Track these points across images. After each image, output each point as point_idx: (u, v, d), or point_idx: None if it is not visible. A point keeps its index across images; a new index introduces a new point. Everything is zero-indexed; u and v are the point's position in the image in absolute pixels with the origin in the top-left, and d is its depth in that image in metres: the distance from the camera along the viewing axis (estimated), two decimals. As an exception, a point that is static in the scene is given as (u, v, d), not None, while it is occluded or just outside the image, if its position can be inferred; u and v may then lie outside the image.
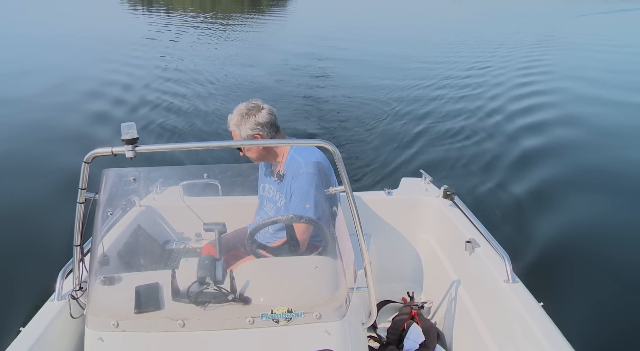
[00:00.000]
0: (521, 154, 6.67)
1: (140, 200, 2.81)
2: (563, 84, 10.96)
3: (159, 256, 2.52)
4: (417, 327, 2.76)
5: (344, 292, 1.79)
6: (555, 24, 25.80)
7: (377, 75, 12.08)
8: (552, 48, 16.56)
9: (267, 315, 1.67)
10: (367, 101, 9.61)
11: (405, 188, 3.30)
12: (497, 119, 8.24)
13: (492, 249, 2.45)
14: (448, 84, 10.96)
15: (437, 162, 6.43)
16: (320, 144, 1.72)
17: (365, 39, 18.88)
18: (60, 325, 1.98)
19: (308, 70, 12.87)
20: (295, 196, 2.23)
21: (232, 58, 14.61)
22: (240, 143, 2.34)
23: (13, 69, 11.85)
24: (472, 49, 16.32)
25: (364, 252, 1.81)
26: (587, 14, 31.67)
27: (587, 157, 6.54)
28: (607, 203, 5.27)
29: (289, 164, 2.35)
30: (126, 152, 1.60)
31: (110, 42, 16.66)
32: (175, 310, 1.69)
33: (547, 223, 4.82)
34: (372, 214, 3.16)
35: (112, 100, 9.30)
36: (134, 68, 12.32)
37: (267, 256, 2.09)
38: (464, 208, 2.90)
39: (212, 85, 10.77)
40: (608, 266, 4.16)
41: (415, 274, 3.29)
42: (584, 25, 25.39)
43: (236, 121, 2.33)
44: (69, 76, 11.35)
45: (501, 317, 2.22)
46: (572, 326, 2.11)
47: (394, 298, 3.16)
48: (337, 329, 1.71)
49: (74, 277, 1.93)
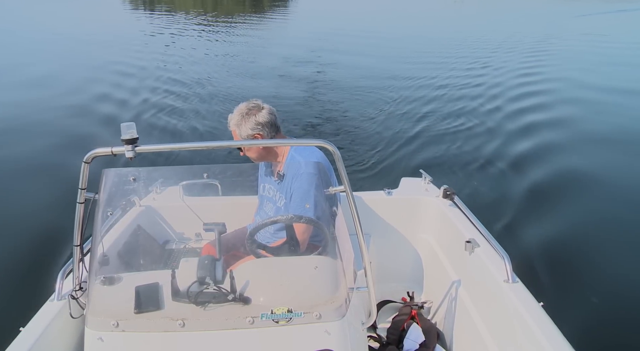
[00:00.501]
0: (521, 154, 6.67)
1: (140, 200, 2.81)
2: (564, 84, 10.95)
3: (158, 256, 2.52)
4: (417, 327, 2.76)
5: (344, 292, 1.79)
6: (556, 24, 25.79)
7: (377, 74, 12.10)
8: (552, 48, 16.56)
9: (267, 315, 1.67)
10: (368, 98, 9.67)
11: (405, 187, 3.30)
12: (498, 119, 8.24)
13: (492, 249, 2.45)
14: (449, 84, 10.96)
15: (437, 162, 6.43)
16: (320, 144, 1.72)
17: (366, 39, 18.90)
18: (60, 325, 1.98)
19: (309, 69, 12.89)
20: (295, 196, 2.23)
21: (234, 58, 14.62)
22: (240, 143, 2.34)
23: (16, 73, 11.84)
24: (472, 49, 16.32)
25: (364, 252, 1.81)
26: (587, 13, 31.65)
27: (587, 158, 6.54)
28: (607, 203, 5.27)
29: (289, 164, 2.35)
30: (126, 152, 1.60)
31: (113, 43, 16.69)
32: (175, 310, 1.69)
33: (547, 223, 4.82)
34: (372, 214, 3.16)
35: (115, 100, 9.32)
36: (134, 68, 12.35)
37: (267, 256, 2.09)
38: (464, 208, 2.90)
39: (213, 87, 10.76)
40: (608, 266, 4.16)
41: (415, 274, 3.29)
42: (584, 25, 25.37)
43: (236, 120, 2.32)
44: (71, 75, 11.37)
45: (501, 317, 2.22)
46: (572, 326, 2.11)
47: (394, 298, 3.16)
48: (337, 329, 1.71)
49: (74, 277, 1.93)
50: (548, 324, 1.96)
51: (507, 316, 2.15)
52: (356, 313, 1.89)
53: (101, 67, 12.44)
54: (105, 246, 2.02)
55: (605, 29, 23.61)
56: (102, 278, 1.83)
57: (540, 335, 1.90)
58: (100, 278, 1.83)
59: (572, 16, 30.52)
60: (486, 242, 2.53)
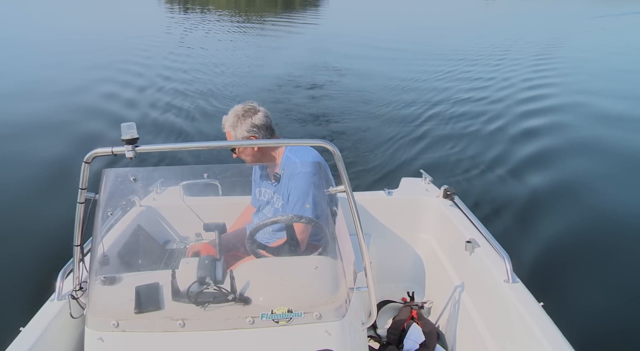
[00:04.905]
0: (522, 154, 6.67)
1: (140, 200, 2.81)
2: (567, 85, 10.98)
3: (159, 256, 2.52)
4: (417, 327, 2.76)
5: (344, 292, 1.78)
6: (581, 25, 25.67)
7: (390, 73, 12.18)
8: (566, 52, 16.43)
9: (267, 315, 1.67)
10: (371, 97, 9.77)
11: (405, 187, 3.30)
12: (500, 120, 8.23)
13: (492, 249, 2.45)
14: (453, 86, 10.97)
15: (437, 162, 6.43)
16: (320, 144, 1.72)
17: (387, 42, 18.69)
18: (60, 325, 1.98)
19: (327, 69, 13.02)
20: (292, 196, 2.22)
21: (260, 56, 14.71)
22: (241, 143, 2.32)
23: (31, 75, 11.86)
24: (484, 50, 16.30)
25: (364, 252, 1.81)
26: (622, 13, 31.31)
27: (587, 159, 6.54)
28: (608, 203, 5.27)
29: (284, 165, 2.34)
30: (126, 152, 1.60)
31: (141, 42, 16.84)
32: (175, 310, 1.69)
33: (547, 223, 4.83)
34: (372, 214, 3.16)
35: (124, 101, 9.33)
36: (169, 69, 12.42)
37: (267, 256, 2.08)
38: (464, 208, 2.90)
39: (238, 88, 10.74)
40: (608, 266, 4.16)
41: (415, 274, 3.29)
42: (610, 27, 25.19)
43: (232, 121, 2.31)
44: (74, 76, 11.41)
45: (501, 317, 2.22)
46: (572, 326, 2.11)
47: (394, 298, 3.17)
48: (337, 329, 1.71)
49: (74, 277, 1.93)
50: (548, 324, 1.96)
51: (507, 316, 2.15)
52: (356, 313, 1.89)
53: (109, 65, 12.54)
54: (106, 246, 2.02)
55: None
56: (103, 278, 1.83)
57: (540, 335, 1.90)
58: (101, 278, 1.83)
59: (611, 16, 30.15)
60: (486, 242, 2.53)
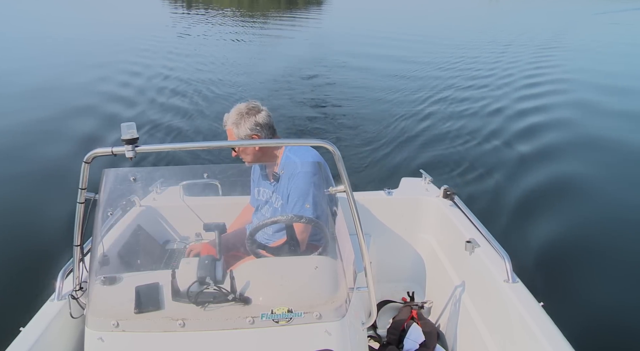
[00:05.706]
0: (522, 154, 6.67)
1: (140, 200, 2.81)
2: (569, 83, 10.95)
3: (159, 256, 2.52)
4: (417, 327, 2.76)
5: (344, 292, 1.78)
6: (583, 24, 25.65)
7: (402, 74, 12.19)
8: (566, 49, 16.43)
9: (267, 315, 1.67)
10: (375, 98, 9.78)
11: (405, 187, 3.30)
12: (499, 120, 8.23)
13: (492, 249, 2.45)
14: (454, 84, 10.96)
15: (437, 162, 6.43)
16: (320, 144, 1.71)
17: (391, 40, 18.69)
18: (60, 325, 1.98)
19: (334, 67, 13.07)
20: (292, 196, 2.22)
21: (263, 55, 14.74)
22: (241, 143, 2.31)
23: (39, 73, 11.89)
24: (482, 50, 16.27)
25: (364, 252, 1.81)
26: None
27: (587, 159, 6.54)
28: (608, 203, 5.27)
29: (284, 165, 2.34)
30: (126, 152, 1.60)
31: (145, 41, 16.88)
32: (175, 310, 1.69)
33: (547, 223, 4.82)
34: (372, 214, 3.16)
35: (125, 101, 9.35)
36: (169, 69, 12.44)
37: (267, 256, 2.08)
38: (464, 208, 2.90)
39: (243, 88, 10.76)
40: (608, 266, 4.16)
41: (415, 274, 3.29)
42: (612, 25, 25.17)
43: (235, 119, 2.29)
44: (77, 76, 11.44)
45: (501, 317, 2.22)
46: (572, 326, 2.10)
47: (394, 298, 3.17)
48: (337, 329, 1.71)
49: (74, 277, 1.93)
50: (548, 324, 1.96)
51: (507, 316, 2.15)
52: (356, 313, 1.89)
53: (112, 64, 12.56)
54: (106, 246, 2.02)
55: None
56: (103, 278, 1.83)
57: (540, 335, 1.90)
58: (101, 278, 1.83)
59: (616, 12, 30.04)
60: (486, 242, 2.53)
